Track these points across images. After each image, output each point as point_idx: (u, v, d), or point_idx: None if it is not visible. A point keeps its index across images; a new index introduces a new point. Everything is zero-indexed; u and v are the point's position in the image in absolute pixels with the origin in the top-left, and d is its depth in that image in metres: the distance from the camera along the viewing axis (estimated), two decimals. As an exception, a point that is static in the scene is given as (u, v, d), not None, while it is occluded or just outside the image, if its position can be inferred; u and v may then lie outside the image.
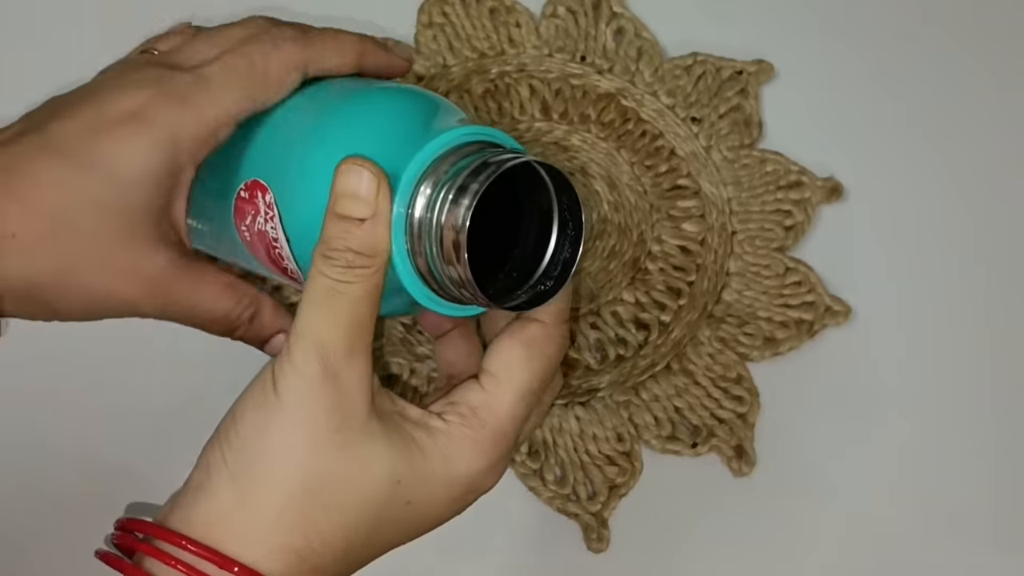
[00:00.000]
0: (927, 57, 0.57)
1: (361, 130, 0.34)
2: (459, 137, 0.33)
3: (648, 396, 0.49)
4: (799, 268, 0.51)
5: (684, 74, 0.55)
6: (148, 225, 0.34)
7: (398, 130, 0.34)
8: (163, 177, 0.34)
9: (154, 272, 0.34)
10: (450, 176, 0.32)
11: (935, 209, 0.54)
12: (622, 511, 0.47)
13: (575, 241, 0.34)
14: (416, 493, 0.33)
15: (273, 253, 0.35)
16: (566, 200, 0.34)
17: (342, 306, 0.32)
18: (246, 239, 0.36)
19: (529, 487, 0.48)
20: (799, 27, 0.57)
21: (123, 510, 0.35)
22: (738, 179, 0.53)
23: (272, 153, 0.36)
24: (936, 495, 0.49)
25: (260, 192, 0.35)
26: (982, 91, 0.56)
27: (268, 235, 0.35)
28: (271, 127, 0.37)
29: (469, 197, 0.31)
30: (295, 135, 0.35)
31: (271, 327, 0.37)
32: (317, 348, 0.31)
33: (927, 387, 0.50)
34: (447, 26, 0.56)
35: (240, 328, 0.37)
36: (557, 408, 0.49)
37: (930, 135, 0.55)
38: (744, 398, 0.49)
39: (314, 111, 0.36)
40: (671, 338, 0.50)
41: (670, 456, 0.48)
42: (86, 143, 0.33)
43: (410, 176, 0.32)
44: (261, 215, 0.35)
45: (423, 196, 0.32)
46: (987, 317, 0.52)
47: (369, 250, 0.32)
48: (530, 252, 0.34)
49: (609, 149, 0.53)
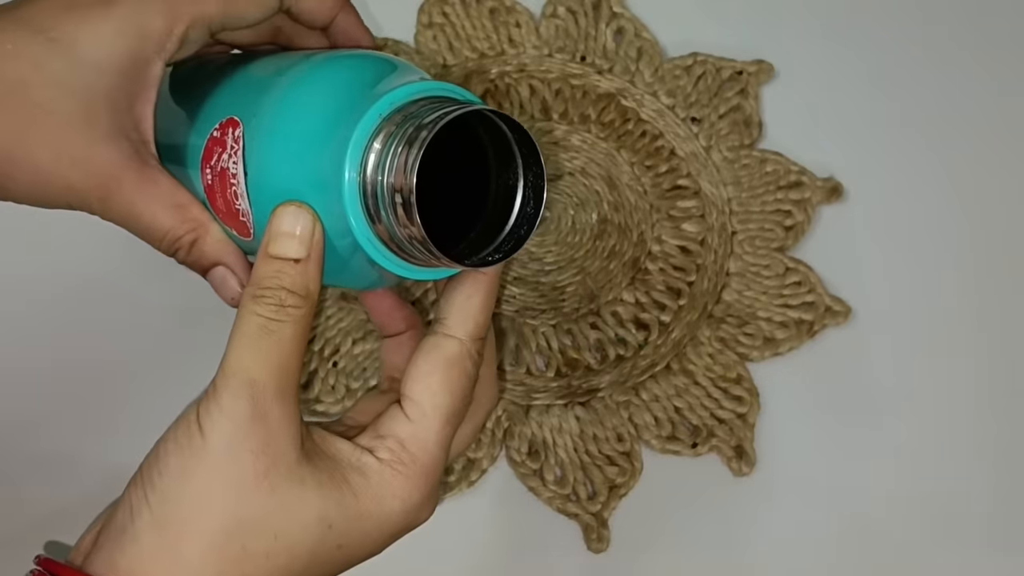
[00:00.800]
0: (927, 57, 0.57)
1: (331, 81, 0.34)
2: (412, 93, 0.32)
3: (648, 396, 0.49)
4: (799, 268, 0.51)
5: (684, 74, 0.55)
6: (107, 113, 0.33)
7: (366, 85, 0.33)
8: (127, 65, 0.33)
9: (104, 164, 0.33)
10: (402, 127, 0.31)
11: (935, 209, 0.54)
12: (622, 511, 0.47)
13: (532, 218, 0.33)
14: (348, 536, 0.32)
15: (229, 192, 0.34)
16: (532, 174, 0.33)
17: (273, 345, 0.31)
18: (207, 183, 0.35)
19: (529, 487, 0.48)
20: (799, 27, 0.57)
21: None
22: (738, 179, 0.53)
23: (250, 93, 0.35)
24: (935, 495, 0.49)
25: (232, 128, 0.34)
26: (982, 91, 0.56)
27: (228, 171, 0.34)
28: (252, 72, 0.37)
29: (417, 147, 0.30)
30: (273, 80, 0.35)
31: (211, 257, 0.36)
32: (247, 387, 0.31)
33: (926, 387, 0.50)
34: (447, 26, 0.56)
35: (180, 251, 0.35)
36: (557, 408, 0.49)
37: (929, 135, 0.55)
38: (744, 398, 0.49)
39: (294, 60, 0.36)
40: (671, 338, 0.50)
41: (670, 456, 0.48)
42: (56, 20, 0.33)
43: (361, 135, 0.31)
44: (227, 151, 0.34)
45: (373, 151, 0.31)
46: (986, 317, 0.52)
47: (302, 290, 0.32)
48: (488, 223, 0.33)
49: (609, 149, 0.53)
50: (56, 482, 0.47)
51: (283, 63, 0.36)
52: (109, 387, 0.49)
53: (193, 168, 0.37)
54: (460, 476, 0.47)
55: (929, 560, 0.48)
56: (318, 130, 0.33)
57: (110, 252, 0.49)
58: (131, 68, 0.33)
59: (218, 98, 0.37)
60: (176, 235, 0.35)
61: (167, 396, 0.48)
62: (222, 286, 0.36)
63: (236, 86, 0.37)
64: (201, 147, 0.36)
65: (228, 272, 0.36)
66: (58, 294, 0.49)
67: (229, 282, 0.36)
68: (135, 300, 0.49)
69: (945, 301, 0.52)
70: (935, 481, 0.49)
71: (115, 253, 0.49)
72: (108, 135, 0.33)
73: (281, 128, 0.33)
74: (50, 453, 0.47)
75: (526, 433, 0.48)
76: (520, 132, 0.32)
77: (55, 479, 0.47)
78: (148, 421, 0.45)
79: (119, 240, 0.41)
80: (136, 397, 0.48)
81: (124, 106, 0.34)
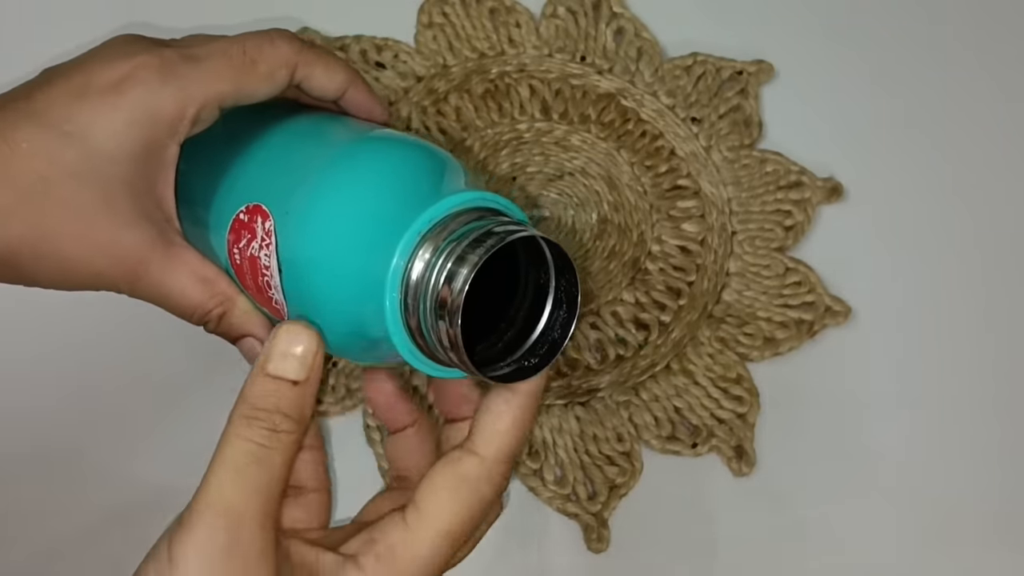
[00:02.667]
0: (927, 57, 0.57)
1: (371, 179, 0.34)
2: (466, 201, 0.32)
3: (648, 396, 0.49)
4: (799, 268, 0.51)
5: (684, 74, 0.55)
6: (127, 199, 0.33)
7: (407, 185, 0.33)
8: (142, 152, 0.33)
9: (130, 248, 0.34)
10: (451, 240, 0.31)
11: (935, 209, 0.54)
12: (622, 511, 0.47)
13: (566, 322, 0.33)
14: None
15: (261, 280, 0.35)
16: (564, 280, 0.33)
17: (263, 473, 0.30)
18: (235, 261, 0.36)
19: (529, 487, 0.48)
20: (799, 27, 0.57)
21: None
22: (738, 179, 0.53)
23: (279, 181, 0.35)
24: (935, 495, 0.49)
25: (261, 218, 0.34)
26: (982, 91, 0.56)
27: (260, 262, 0.34)
28: (278, 151, 0.36)
29: (468, 267, 0.31)
30: (304, 168, 0.35)
31: (240, 329, 0.36)
32: (225, 517, 0.30)
33: (926, 387, 0.50)
34: (447, 26, 0.56)
35: (210, 323, 0.36)
36: (557, 408, 0.49)
37: (930, 135, 0.55)
38: (744, 398, 0.49)
39: (324, 146, 0.36)
40: (671, 338, 0.50)
41: (670, 456, 0.48)
42: (67, 112, 0.33)
43: (413, 234, 0.32)
44: (257, 240, 0.34)
45: (422, 259, 0.32)
46: (987, 317, 0.52)
47: (297, 414, 0.31)
48: (521, 325, 0.34)
49: (609, 149, 0.53)
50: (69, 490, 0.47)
51: (309, 148, 0.36)
52: (122, 396, 0.49)
53: (215, 235, 0.37)
54: (460, 476, 0.47)
55: (929, 560, 0.48)
56: (357, 243, 0.32)
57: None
58: (146, 154, 0.34)
59: (243, 175, 0.36)
60: (205, 309, 0.35)
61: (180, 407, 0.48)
62: (251, 355, 0.36)
63: (260, 164, 0.36)
64: (226, 224, 0.36)
65: (256, 343, 0.36)
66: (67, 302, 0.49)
67: (258, 351, 0.36)
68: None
69: (945, 301, 0.52)
70: (935, 481, 0.49)
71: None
72: (131, 220, 0.33)
73: (318, 238, 0.33)
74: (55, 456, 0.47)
75: (526, 433, 0.48)
76: (561, 256, 0.33)
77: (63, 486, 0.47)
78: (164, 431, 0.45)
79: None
80: (149, 407, 0.48)
81: (144, 189, 0.34)
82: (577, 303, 0.33)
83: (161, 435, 0.48)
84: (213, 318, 0.36)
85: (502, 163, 0.53)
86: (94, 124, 0.33)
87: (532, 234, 0.31)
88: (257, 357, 0.34)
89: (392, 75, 0.55)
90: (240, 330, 0.36)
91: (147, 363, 0.49)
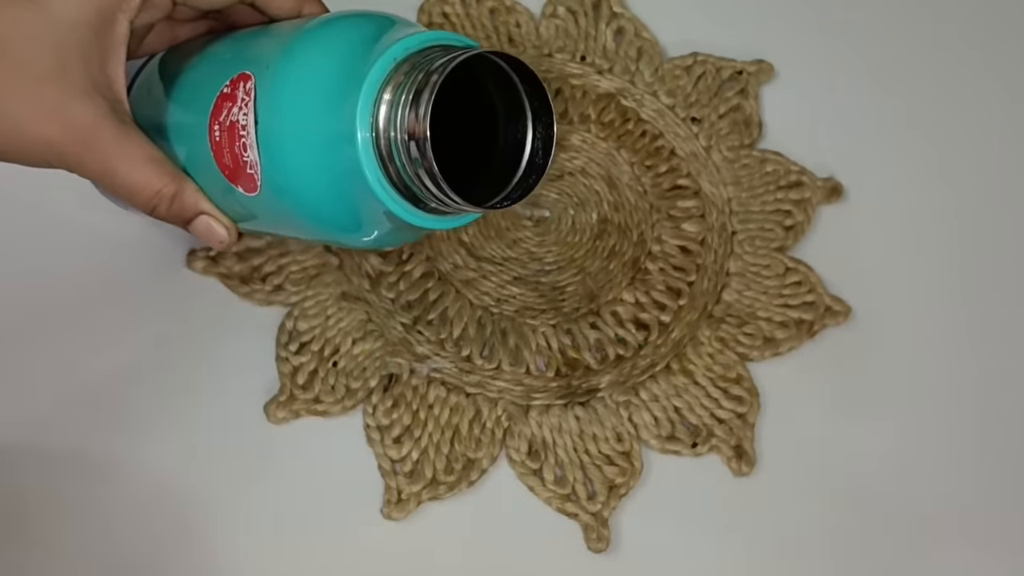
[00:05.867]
0: (927, 57, 0.57)
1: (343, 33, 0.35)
2: (420, 42, 0.33)
3: (648, 396, 0.49)
4: (799, 268, 0.51)
5: (684, 74, 0.55)
6: (81, 69, 0.35)
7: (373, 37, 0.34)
8: (96, 21, 0.35)
9: (80, 118, 0.35)
10: (411, 74, 0.32)
11: (935, 209, 0.54)
12: (622, 511, 0.47)
13: (547, 142, 0.34)
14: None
15: (238, 144, 0.35)
16: (535, 100, 0.34)
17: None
18: (215, 139, 0.36)
19: (528, 487, 0.48)
20: (799, 27, 0.57)
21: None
22: (738, 179, 0.53)
23: (261, 50, 0.37)
24: (935, 494, 0.49)
25: (243, 81, 0.35)
26: (982, 91, 0.56)
27: (238, 124, 0.35)
28: (262, 33, 0.38)
29: (428, 92, 0.31)
30: (285, 36, 0.36)
31: (193, 208, 0.37)
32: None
33: (927, 387, 0.50)
34: (447, 26, 0.56)
35: (161, 205, 0.36)
36: (557, 408, 0.49)
37: (930, 135, 0.55)
38: (744, 398, 0.49)
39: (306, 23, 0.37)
40: (671, 338, 0.50)
41: (670, 456, 0.48)
42: None
43: (371, 85, 0.33)
44: (237, 104, 0.35)
45: (385, 103, 0.32)
46: (987, 317, 0.52)
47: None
48: (508, 151, 0.35)
49: (609, 149, 0.53)
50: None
51: (291, 24, 0.37)
52: (108, 387, 0.49)
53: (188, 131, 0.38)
54: (460, 476, 0.47)
55: (929, 560, 0.48)
56: (330, 81, 0.33)
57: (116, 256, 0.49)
58: (100, 24, 0.35)
59: (225, 59, 0.38)
60: (155, 188, 0.36)
61: (166, 396, 0.48)
62: (208, 233, 0.38)
63: (246, 44, 0.38)
64: (206, 108, 0.36)
65: (211, 219, 0.37)
66: (59, 294, 0.49)
67: (214, 227, 0.38)
68: (136, 300, 0.49)
69: (945, 301, 0.52)
70: (935, 481, 0.49)
71: (120, 255, 0.49)
72: (84, 91, 0.35)
73: (293, 78, 0.34)
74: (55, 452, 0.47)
75: (526, 433, 0.48)
76: (530, 79, 0.33)
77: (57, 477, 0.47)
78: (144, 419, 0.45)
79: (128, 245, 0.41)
80: (134, 397, 0.48)
81: (97, 64, 0.35)
82: (552, 148, 0.34)
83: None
84: (165, 197, 0.36)
85: (502, 163, 0.53)
86: None
87: (482, 51, 0.32)
88: (216, 235, 0.37)
89: (392, 75, 0.55)
90: (195, 208, 0.37)
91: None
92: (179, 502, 0.45)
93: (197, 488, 0.45)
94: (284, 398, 0.47)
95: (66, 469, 0.47)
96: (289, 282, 0.49)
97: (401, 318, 0.49)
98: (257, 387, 0.47)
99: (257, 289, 0.49)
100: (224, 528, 0.45)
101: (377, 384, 0.48)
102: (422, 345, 0.49)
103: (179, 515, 0.45)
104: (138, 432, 0.47)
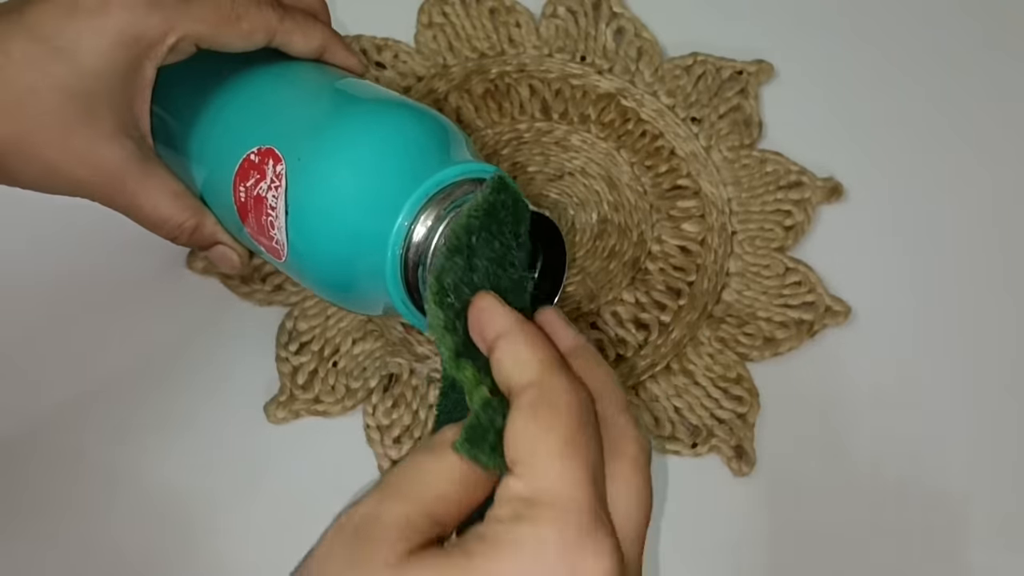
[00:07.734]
0: (927, 57, 0.57)
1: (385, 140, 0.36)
2: (469, 171, 0.35)
3: (648, 396, 0.49)
4: (799, 268, 0.51)
5: (684, 74, 0.55)
6: (108, 114, 0.36)
7: (417, 148, 0.36)
8: (123, 70, 0.36)
9: (107, 160, 0.37)
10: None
11: (935, 209, 0.54)
12: (622, 511, 0.47)
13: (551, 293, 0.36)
14: None
15: (265, 220, 0.37)
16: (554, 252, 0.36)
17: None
18: (240, 199, 0.38)
19: (529, 487, 0.48)
20: (799, 27, 0.57)
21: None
22: (738, 179, 0.53)
23: (292, 127, 0.37)
24: (935, 494, 0.49)
25: (273, 161, 0.36)
26: (982, 91, 0.56)
27: (267, 202, 0.36)
28: (291, 96, 0.39)
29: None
30: (319, 118, 0.37)
31: (211, 239, 0.40)
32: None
33: (927, 387, 0.50)
34: (447, 26, 0.56)
35: (182, 236, 0.39)
36: (557, 408, 0.49)
37: (930, 135, 0.55)
38: (744, 398, 0.49)
39: (338, 100, 0.38)
40: (671, 338, 0.50)
41: (670, 456, 0.48)
42: (59, 28, 0.35)
43: (419, 197, 0.34)
44: (266, 182, 0.36)
45: (424, 224, 0.34)
46: (986, 316, 0.52)
47: None
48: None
49: (609, 149, 0.53)
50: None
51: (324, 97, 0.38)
52: (117, 387, 0.49)
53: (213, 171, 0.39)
54: (460, 476, 0.47)
55: (929, 560, 0.48)
56: (365, 199, 0.35)
57: (116, 254, 0.49)
58: (127, 73, 0.36)
59: (256, 116, 0.39)
60: (177, 223, 0.39)
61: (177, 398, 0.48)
62: (223, 259, 0.41)
63: (274, 109, 0.39)
64: (235, 163, 0.38)
65: (227, 248, 0.41)
66: (62, 293, 0.49)
67: (229, 255, 0.41)
68: (144, 301, 0.49)
69: (945, 301, 0.52)
70: (935, 481, 0.49)
71: (121, 254, 0.49)
72: (111, 134, 0.37)
73: (325, 188, 0.35)
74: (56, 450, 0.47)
75: (526, 433, 0.48)
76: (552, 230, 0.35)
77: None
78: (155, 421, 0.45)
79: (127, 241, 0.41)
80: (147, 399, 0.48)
81: (124, 107, 0.37)
82: (563, 276, 0.36)
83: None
84: (186, 230, 0.39)
85: (502, 163, 0.53)
86: (82, 41, 0.35)
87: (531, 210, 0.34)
88: (229, 261, 0.41)
89: (392, 75, 0.55)
90: (212, 239, 0.40)
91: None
92: (179, 501, 0.45)
93: (197, 487, 0.45)
94: (284, 398, 0.47)
95: (66, 468, 0.47)
96: (289, 282, 0.49)
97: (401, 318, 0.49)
98: (257, 387, 0.47)
99: (257, 289, 0.49)
100: (224, 528, 0.45)
101: (377, 384, 0.48)
102: (422, 345, 0.49)
103: (179, 514, 0.45)
104: (138, 432, 0.47)
